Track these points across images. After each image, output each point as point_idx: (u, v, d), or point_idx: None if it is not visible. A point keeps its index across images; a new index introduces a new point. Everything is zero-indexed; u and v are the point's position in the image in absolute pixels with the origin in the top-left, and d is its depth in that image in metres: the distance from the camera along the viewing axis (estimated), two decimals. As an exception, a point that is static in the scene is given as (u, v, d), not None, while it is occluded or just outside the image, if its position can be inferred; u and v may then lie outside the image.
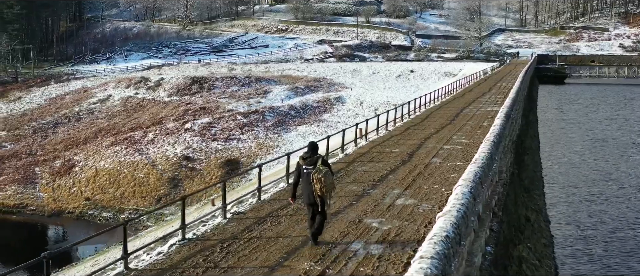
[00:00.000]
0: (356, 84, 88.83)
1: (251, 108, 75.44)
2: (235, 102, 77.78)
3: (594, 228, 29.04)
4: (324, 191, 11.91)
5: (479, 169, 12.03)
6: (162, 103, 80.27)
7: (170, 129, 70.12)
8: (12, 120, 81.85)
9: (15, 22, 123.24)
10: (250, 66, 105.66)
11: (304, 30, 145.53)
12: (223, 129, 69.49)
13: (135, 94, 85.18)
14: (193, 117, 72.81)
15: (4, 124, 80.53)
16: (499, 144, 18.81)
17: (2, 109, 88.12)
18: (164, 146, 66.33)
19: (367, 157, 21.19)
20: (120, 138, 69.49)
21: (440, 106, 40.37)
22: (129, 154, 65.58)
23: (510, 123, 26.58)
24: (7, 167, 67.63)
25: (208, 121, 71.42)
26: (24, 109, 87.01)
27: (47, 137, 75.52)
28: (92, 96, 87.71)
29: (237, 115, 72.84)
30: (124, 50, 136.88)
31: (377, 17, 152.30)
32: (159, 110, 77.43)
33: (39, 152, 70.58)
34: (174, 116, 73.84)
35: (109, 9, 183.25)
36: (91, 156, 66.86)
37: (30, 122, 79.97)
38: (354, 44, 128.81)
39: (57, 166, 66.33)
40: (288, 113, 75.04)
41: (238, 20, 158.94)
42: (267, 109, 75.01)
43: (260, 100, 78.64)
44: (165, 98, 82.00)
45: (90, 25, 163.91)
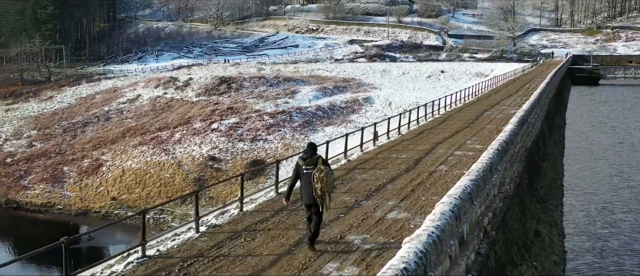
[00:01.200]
0: (385, 85, 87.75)
1: (278, 108, 74.92)
2: (262, 102, 77.34)
3: (611, 240, 27.09)
4: (324, 190, 11.87)
5: (471, 183, 11.21)
6: (190, 103, 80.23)
7: (197, 129, 69.98)
8: (43, 119, 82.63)
9: (48, 22, 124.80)
10: (280, 66, 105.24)
11: (335, 30, 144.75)
12: (250, 130, 69.08)
13: (163, 93, 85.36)
14: (220, 117, 72.55)
15: (35, 123, 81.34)
16: (505, 153, 17.89)
17: (34, 108, 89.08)
18: (190, 146, 66.19)
19: (370, 164, 20.23)
20: (147, 137, 69.58)
21: (462, 108, 39.15)
22: (155, 154, 65.58)
23: (526, 128, 25.46)
24: (37, 166, 68.21)
25: (235, 121, 71.11)
26: (54, 108, 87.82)
27: (76, 136, 76.00)
28: (121, 95, 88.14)
29: (264, 115, 72.37)
30: (156, 50, 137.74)
31: (408, 16, 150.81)
32: (187, 110, 77.38)
33: (67, 151, 71.04)
34: (201, 116, 73.68)
35: (143, 9, 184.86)
36: (118, 156, 67.05)
37: (60, 122, 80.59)
38: (385, 44, 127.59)
39: (85, 166, 66.67)
40: (315, 114, 74.36)
41: (269, 20, 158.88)
42: (294, 110, 74.42)
43: (287, 100, 78.06)
44: (194, 98, 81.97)
45: (124, 25, 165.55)
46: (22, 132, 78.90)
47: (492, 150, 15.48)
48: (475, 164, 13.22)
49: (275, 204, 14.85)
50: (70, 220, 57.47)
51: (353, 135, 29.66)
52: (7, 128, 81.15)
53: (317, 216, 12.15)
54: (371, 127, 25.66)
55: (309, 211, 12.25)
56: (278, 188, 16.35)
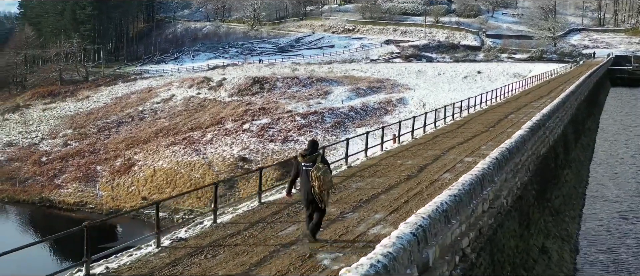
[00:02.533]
0: (420, 85, 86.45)
1: (310, 109, 74.34)
2: (295, 103, 76.86)
3: (629, 256, 24.81)
4: (322, 189, 11.83)
5: (449, 199, 10.37)
6: (223, 103, 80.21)
7: (228, 129, 69.85)
8: (78, 119, 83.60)
9: (87, 22, 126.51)
10: (314, 66, 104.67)
11: (371, 30, 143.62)
12: (281, 131, 68.66)
13: (197, 94, 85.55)
14: (252, 117, 72.30)
15: (70, 123, 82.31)
16: (506, 162, 16.82)
17: (71, 107, 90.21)
18: (221, 147, 66.07)
19: (371, 170, 19.04)
20: (179, 137, 69.72)
21: (487, 111, 37.79)
22: (186, 154, 65.62)
23: (542, 134, 24.17)
24: (71, 165, 68.91)
25: (266, 122, 70.77)
26: (90, 108, 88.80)
27: (110, 136, 76.64)
28: (156, 95, 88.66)
29: (296, 116, 71.87)
30: (192, 50, 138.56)
31: (446, 16, 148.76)
32: (219, 110, 77.35)
33: (101, 150, 71.65)
34: (233, 116, 73.55)
35: (182, 10, 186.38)
36: (150, 156, 67.32)
37: (95, 121, 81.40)
38: (421, 44, 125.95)
39: (118, 165, 67.09)
40: (348, 115, 73.58)
41: (306, 21, 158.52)
42: (326, 111, 73.75)
43: (320, 101, 77.44)
44: (226, 98, 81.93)
45: (162, 25, 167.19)
46: (58, 132, 79.92)
47: (489, 160, 14.58)
48: (464, 176, 12.34)
49: (255, 216, 13.97)
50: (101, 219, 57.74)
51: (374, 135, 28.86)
52: (44, 127, 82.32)
53: (318, 212, 12.16)
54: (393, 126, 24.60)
55: (308, 208, 12.22)
56: (261, 198, 15.49)
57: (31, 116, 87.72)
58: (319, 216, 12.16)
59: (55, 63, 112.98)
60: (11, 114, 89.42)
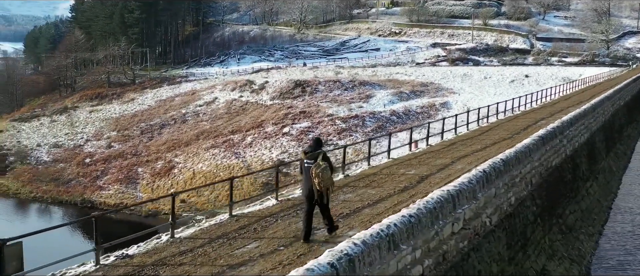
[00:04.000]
0: (465, 89, 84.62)
1: (351, 113, 73.49)
2: (336, 106, 76.14)
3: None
4: (322, 186, 11.94)
5: (400, 221, 9.39)
6: (264, 106, 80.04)
7: (268, 133, 69.58)
8: (123, 121, 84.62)
9: (135, 26, 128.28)
10: (358, 70, 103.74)
11: (418, 33, 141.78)
12: (321, 134, 67.98)
13: (239, 97, 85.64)
14: (292, 121, 71.91)
15: (115, 125, 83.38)
16: (498, 175, 15.54)
17: (116, 109, 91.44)
18: (260, 150, 65.85)
19: (367, 181, 17.91)
20: (219, 140, 69.81)
21: (518, 116, 36.14)
22: (226, 158, 65.65)
23: (559, 142, 22.63)
24: (113, 167, 69.70)
25: (307, 126, 70.29)
26: (135, 110, 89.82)
27: (152, 138, 77.30)
28: (199, 98, 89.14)
29: (337, 120, 71.15)
30: (238, 53, 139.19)
31: (495, 19, 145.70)
32: (260, 113, 77.19)
33: (143, 153, 72.28)
34: (274, 119, 73.25)
35: (230, 13, 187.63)
36: (190, 158, 67.56)
37: (139, 124, 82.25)
38: (469, 48, 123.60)
39: (158, 167, 67.55)
40: (389, 119, 72.49)
41: (352, 24, 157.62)
42: (367, 114, 72.81)
43: (361, 105, 76.50)
44: (268, 101, 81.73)
45: (211, 29, 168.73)
46: (102, 133, 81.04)
47: (474, 173, 13.50)
48: (433, 192, 11.37)
49: (219, 230, 13.20)
50: (140, 221, 58.04)
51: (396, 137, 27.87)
52: (90, 129, 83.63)
53: (321, 208, 12.32)
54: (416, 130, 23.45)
55: (308, 204, 12.29)
56: (232, 210, 14.72)
57: (78, 117, 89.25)
58: (324, 211, 12.36)
59: (103, 66, 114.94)
60: (59, 115, 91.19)
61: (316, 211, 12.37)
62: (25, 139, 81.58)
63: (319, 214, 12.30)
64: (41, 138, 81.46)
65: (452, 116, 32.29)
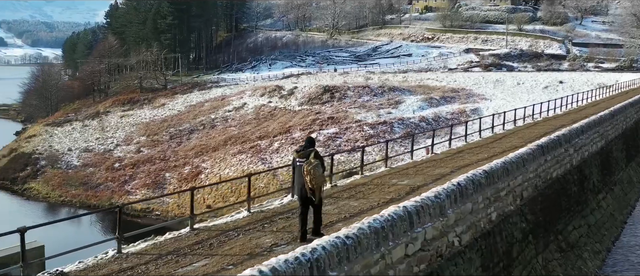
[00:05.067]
0: (497, 96, 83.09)
1: (380, 119, 72.68)
2: (364, 112, 75.41)
3: None
4: (313, 184, 11.91)
5: (332, 245, 8.67)
6: (292, 112, 79.67)
7: (296, 138, 69.14)
8: (152, 126, 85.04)
9: (167, 32, 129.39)
10: (388, 75, 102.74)
11: (451, 38, 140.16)
12: (348, 140, 67.42)
13: (268, 102, 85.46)
14: (320, 127, 71.41)
15: (145, 130, 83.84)
16: (478, 189, 14.49)
17: (147, 114, 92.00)
18: (287, 156, 65.38)
19: (353, 191, 17.01)
20: (247, 146, 69.61)
21: (537, 123, 34.83)
22: (252, 163, 65.38)
23: (564, 151, 21.38)
24: (141, 172, 70.03)
25: (334, 132, 69.70)
26: (165, 115, 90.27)
27: (181, 143, 77.51)
28: (228, 103, 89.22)
29: (365, 126, 70.41)
30: (269, 59, 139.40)
31: (531, 24, 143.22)
32: (288, 119, 76.84)
33: (171, 158, 72.48)
34: (301, 125, 72.86)
35: (264, 19, 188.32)
36: (217, 164, 67.51)
37: (168, 129, 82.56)
38: (503, 53, 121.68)
39: (186, 172, 67.64)
40: (418, 125, 71.47)
41: (385, 29, 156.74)
42: (396, 121, 71.92)
43: (390, 111, 75.64)
44: (296, 107, 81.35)
45: (244, 35, 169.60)
46: (132, 138, 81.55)
47: (447, 186, 12.62)
48: (386, 209, 10.56)
49: (172, 245, 12.44)
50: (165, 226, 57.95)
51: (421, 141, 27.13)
52: (120, 134, 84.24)
53: (314, 208, 12.27)
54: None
55: (302, 204, 12.29)
56: (193, 223, 13.95)
57: (109, 122, 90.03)
58: (315, 212, 12.29)
59: (136, 71, 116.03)
60: (91, 120, 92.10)
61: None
62: (57, 143, 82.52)
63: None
64: (72, 143, 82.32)
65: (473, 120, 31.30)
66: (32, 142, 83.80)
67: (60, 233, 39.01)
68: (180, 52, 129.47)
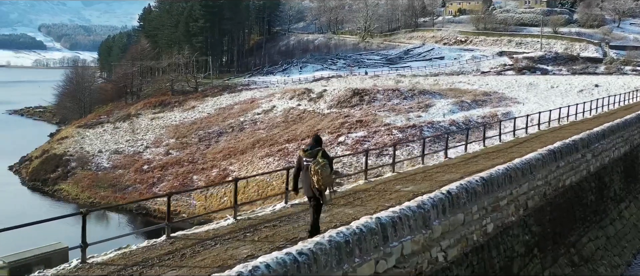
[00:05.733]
0: (530, 99, 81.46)
1: (409, 122, 71.67)
2: (394, 115, 74.47)
3: None
4: (321, 184, 11.70)
5: (278, 263, 8.73)
6: (321, 115, 79.12)
7: (323, 141, 68.52)
8: (182, 128, 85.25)
9: (199, 35, 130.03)
10: (419, 79, 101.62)
11: (484, 41, 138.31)
12: (376, 144, 66.49)
13: (297, 105, 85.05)
14: (348, 130, 70.67)
15: (174, 132, 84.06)
16: (468, 201, 13.62)
17: (177, 117, 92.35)
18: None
19: (352, 198, 16.17)
20: (274, 149, 69.22)
21: (564, 127, 33.57)
22: (280, 166, 64.85)
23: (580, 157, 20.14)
24: (169, 174, 70.09)
25: (362, 135, 68.88)
26: (195, 117, 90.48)
27: (210, 145, 77.46)
28: (258, 106, 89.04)
29: (393, 129, 69.45)
30: (300, 61, 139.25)
31: (566, 27, 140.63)
32: (317, 122, 76.31)
33: (199, 160, 72.43)
34: (330, 128, 72.21)
35: (297, 22, 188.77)
36: (245, 167, 67.19)
37: (197, 131, 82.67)
38: (537, 56, 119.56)
39: (213, 175, 67.49)
40: (448, 129, 70.16)
41: (417, 32, 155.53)
42: (425, 124, 70.79)
43: (420, 114, 74.56)
44: (325, 110, 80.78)
45: (277, 38, 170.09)
46: (161, 141, 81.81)
47: (433, 195, 11.73)
48: (357, 221, 9.70)
49: (142, 255, 11.66)
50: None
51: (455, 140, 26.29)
52: (150, 136, 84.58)
53: (315, 211, 12.04)
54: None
55: (312, 203, 12.12)
56: (169, 232, 13.11)
57: (139, 124, 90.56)
58: (314, 218, 12.08)
59: (167, 74, 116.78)
60: (122, 122, 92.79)
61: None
62: (88, 145, 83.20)
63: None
64: (103, 144, 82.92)
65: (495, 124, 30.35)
66: (63, 144, 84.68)
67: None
68: (212, 55, 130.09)
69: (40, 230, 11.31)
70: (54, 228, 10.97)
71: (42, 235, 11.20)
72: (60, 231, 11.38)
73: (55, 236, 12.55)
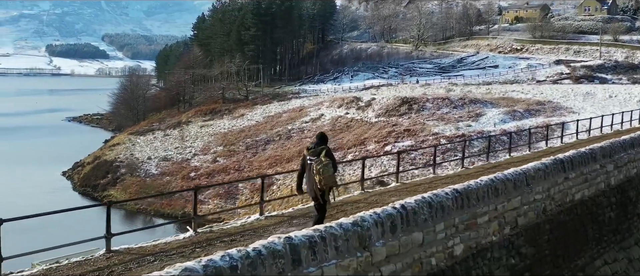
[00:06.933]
0: (586, 109, 78.49)
1: (458, 132, 69.98)
2: (443, 125, 72.86)
3: None
4: (322, 184, 11.41)
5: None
6: (369, 124, 78.09)
7: (370, 151, 67.60)
8: (230, 136, 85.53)
9: (251, 43, 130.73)
10: (471, 87, 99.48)
11: (541, 50, 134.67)
12: (423, 154, 65.06)
13: (345, 113, 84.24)
14: (395, 139, 69.52)
15: (222, 140, 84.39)
16: (429, 219, 12.14)
17: (225, 125, 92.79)
18: (360, 169, 63.77)
19: (337, 209, 14.71)
20: (320, 158, 68.55)
21: (606, 136, 31.61)
22: (323, 175, 64.19)
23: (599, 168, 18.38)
24: (215, 181, 70.18)
25: (410, 144, 67.57)
26: (243, 125, 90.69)
27: (256, 153, 77.39)
28: (306, 114, 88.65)
29: (441, 139, 67.88)
30: (352, 70, 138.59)
31: (627, 34, 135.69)
32: (364, 131, 75.34)
33: (246, 168, 72.44)
34: (377, 137, 71.20)
35: (350, 31, 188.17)
36: (289, 175, 66.65)
37: (245, 139, 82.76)
38: (595, 65, 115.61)
39: (258, 183, 67.13)
40: (499, 139, 68.11)
41: (471, 40, 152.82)
42: (475, 134, 68.96)
43: (470, 123, 72.73)
44: (373, 119, 79.70)
45: (330, 47, 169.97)
46: (209, 148, 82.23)
47: (372, 212, 10.43)
48: (258, 243, 8.53)
49: (72, 271, 10.13)
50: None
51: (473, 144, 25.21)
52: (198, 143, 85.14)
53: (318, 212, 11.84)
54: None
55: (316, 203, 11.90)
56: (110, 245, 11.44)
57: (189, 132, 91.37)
58: (318, 219, 11.74)
59: (219, 82, 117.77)
60: (172, 130, 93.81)
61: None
62: (138, 152, 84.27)
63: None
64: (152, 151, 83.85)
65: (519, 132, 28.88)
66: (115, 150, 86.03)
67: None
68: (263, 63, 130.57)
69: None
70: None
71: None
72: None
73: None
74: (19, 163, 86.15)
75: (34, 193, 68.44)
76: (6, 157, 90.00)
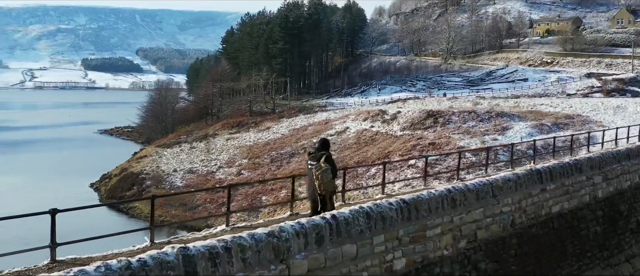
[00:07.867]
0: (616, 123, 76.81)
1: (484, 145, 69.06)
2: (468, 138, 72.03)
3: None
4: (322, 189, 11.56)
5: None
6: (394, 137, 77.61)
7: (394, 164, 67.05)
8: (255, 149, 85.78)
9: (278, 56, 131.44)
10: (499, 101, 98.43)
11: (572, 63, 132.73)
12: (447, 168, 64.31)
13: (370, 127, 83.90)
14: (419, 152, 68.81)
15: (247, 152, 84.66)
16: (363, 231, 11.54)
17: (251, 137, 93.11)
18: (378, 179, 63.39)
19: None
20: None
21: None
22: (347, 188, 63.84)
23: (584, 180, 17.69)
24: (239, 194, 70.31)
25: (435, 158, 66.87)
26: (268, 138, 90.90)
27: (281, 166, 77.42)
28: (331, 127, 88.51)
29: (467, 153, 67.09)
30: (379, 83, 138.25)
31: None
32: (389, 144, 74.86)
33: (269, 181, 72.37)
34: (401, 150, 70.65)
35: (380, 44, 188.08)
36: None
37: (270, 152, 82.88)
38: (628, 78, 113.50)
39: (282, 196, 67.16)
40: (525, 153, 67.09)
41: (501, 53, 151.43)
42: (501, 148, 68.02)
43: (496, 137, 71.75)
44: (398, 132, 79.21)
45: (359, 60, 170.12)
46: (235, 161, 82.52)
47: (281, 226, 9.93)
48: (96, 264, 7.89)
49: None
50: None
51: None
52: (224, 156, 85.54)
53: (314, 214, 11.66)
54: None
55: (313, 208, 11.95)
56: (55, 256, 10.35)
57: (215, 145, 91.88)
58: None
59: (247, 95, 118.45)
60: (199, 142, 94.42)
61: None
62: (164, 164, 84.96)
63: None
64: (178, 164, 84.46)
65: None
66: (141, 162, 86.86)
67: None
68: (291, 76, 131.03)
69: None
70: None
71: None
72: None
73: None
74: (53, 174, 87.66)
75: (62, 203, 69.23)
76: (40, 169, 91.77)
